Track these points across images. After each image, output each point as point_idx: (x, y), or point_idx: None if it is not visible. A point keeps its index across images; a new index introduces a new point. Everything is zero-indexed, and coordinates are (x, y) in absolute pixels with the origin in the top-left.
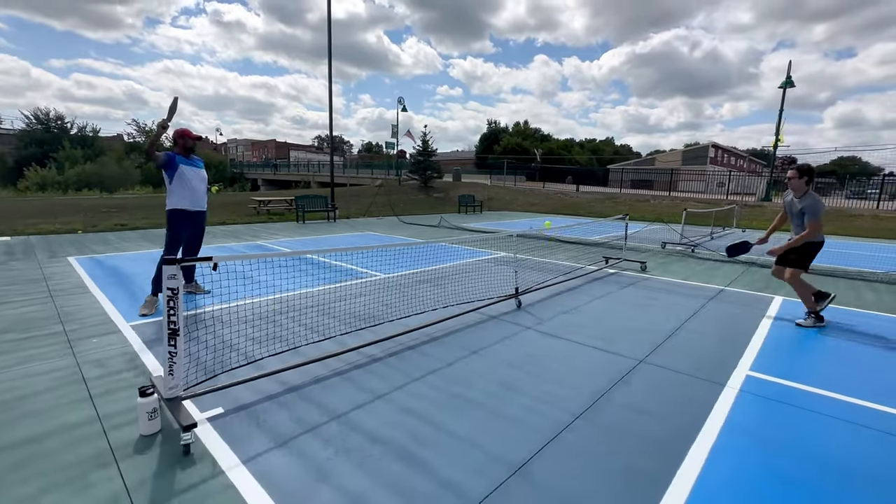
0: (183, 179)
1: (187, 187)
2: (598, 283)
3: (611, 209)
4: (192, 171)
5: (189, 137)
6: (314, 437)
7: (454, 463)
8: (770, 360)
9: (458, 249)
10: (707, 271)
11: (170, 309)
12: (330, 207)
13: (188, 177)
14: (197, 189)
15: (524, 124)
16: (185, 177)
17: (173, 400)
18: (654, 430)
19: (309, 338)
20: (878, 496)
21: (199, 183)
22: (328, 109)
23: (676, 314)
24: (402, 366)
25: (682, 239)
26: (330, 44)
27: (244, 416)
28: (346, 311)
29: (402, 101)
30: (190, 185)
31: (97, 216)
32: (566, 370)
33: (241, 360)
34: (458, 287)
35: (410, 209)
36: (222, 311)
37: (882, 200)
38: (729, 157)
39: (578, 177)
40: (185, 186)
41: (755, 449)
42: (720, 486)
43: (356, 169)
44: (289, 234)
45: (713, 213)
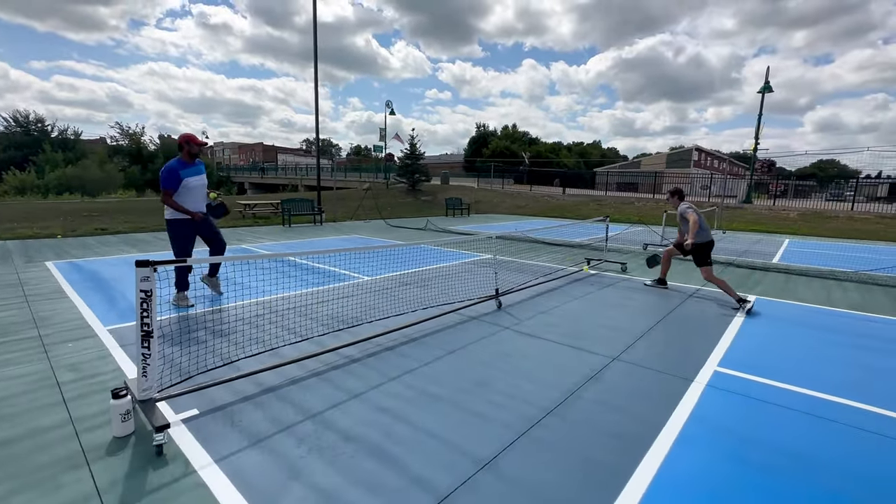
0: (185, 191)
1: (188, 197)
2: (578, 284)
3: (595, 211)
4: (195, 181)
5: (195, 143)
6: (288, 436)
7: (424, 459)
8: (738, 356)
9: (441, 252)
10: (686, 271)
11: (143, 311)
12: (316, 211)
13: (190, 187)
14: (197, 197)
15: (513, 128)
16: (188, 188)
17: (147, 401)
18: (621, 424)
19: (288, 339)
20: (832, 480)
21: (200, 190)
22: (314, 112)
23: (653, 313)
24: (379, 366)
25: (663, 240)
26: (315, 47)
27: (219, 417)
28: (327, 313)
29: (391, 104)
30: (191, 196)
31: (77, 220)
32: (540, 368)
33: (218, 361)
34: (440, 289)
35: (398, 212)
36: (204, 314)
37: (857, 202)
38: (712, 160)
39: (566, 179)
40: (186, 197)
41: (717, 439)
42: (680, 475)
43: (344, 172)
44: (274, 237)
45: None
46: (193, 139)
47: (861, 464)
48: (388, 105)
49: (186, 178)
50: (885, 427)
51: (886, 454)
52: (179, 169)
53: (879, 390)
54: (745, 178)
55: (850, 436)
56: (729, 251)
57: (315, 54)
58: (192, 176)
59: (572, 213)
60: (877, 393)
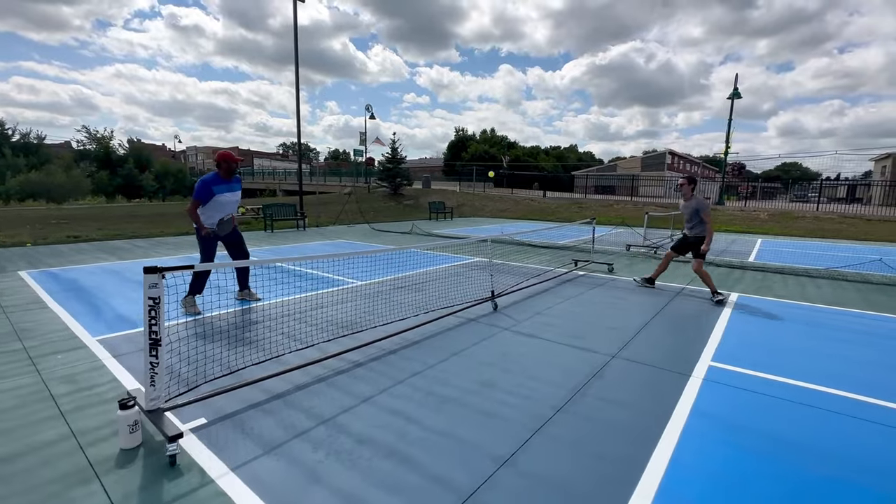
0: (218, 205)
1: (220, 211)
2: (569, 285)
3: (577, 214)
4: (227, 196)
5: (232, 161)
6: (303, 442)
7: (442, 459)
8: (728, 351)
9: (432, 255)
10: (669, 271)
11: (151, 319)
12: (299, 216)
13: (222, 202)
14: (227, 211)
15: (491, 132)
16: (219, 202)
17: (155, 412)
18: (630, 418)
19: (290, 346)
20: (824, 467)
21: (232, 205)
22: (296, 116)
23: (644, 312)
24: (384, 370)
25: (645, 241)
26: (296, 51)
27: (229, 425)
28: (324, 318)
29: (370, 108)
30: (222, 209)
31: (47, 228)
32: (543, 367)
33: (221, 370)
34: (435, 292)
35: (381, 216)
36: (197, 322)
37: (821, 203)
38: (684, 163)
39: (545, 183)
40: (218, 210)
41: (718, 431)
42: (690, 464)
43: (324, 177)
44: (257, 243)
45: (672, 216)
46: (231, 157)
47: (847, 448)
48: (368, 109)
49: (219, 193)
50: (867, 413)
51: (869, 438)
52: (213, 184)
53: (858, 379)
54: (716, 180)
55: (835, 422)
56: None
57: (296, 58)
58: (226, 193)
59: (555, 216)
60: (856, 381)
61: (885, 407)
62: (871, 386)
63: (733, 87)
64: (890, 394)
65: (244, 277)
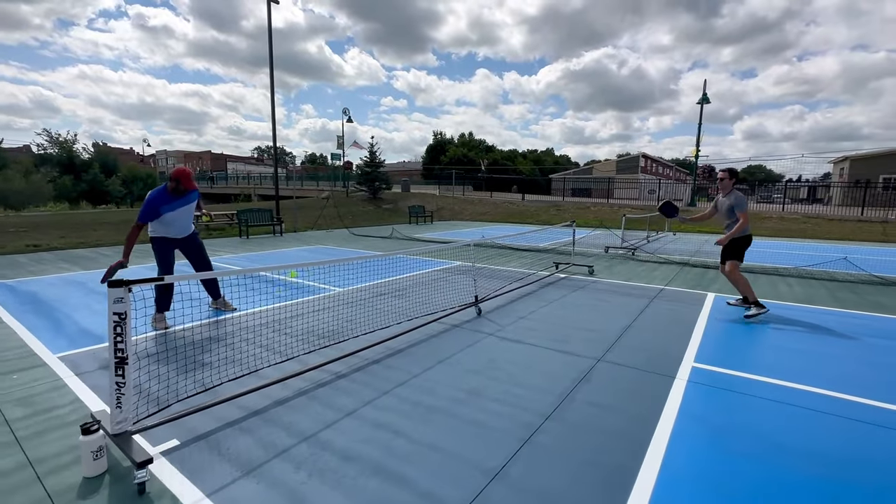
0: (164, 223)
1: (171, 224)
2: (550, 288)
3: (556, 217)
4: (176, 214)
5: (184, 185)
6: (284, 461)
7: (432, 474)
8: (710, 352)
9: (414, 260)
10: (647, 272)
11: (116, 336)
12: (275, 221)
13: (168, 221)
14: (183, 223)
15: (469, 135)
16: (167, 220)
17: (122, 435)
18: (619, 423)
19: (267, 359)
20: (808, 464)
21: (186, 218)
22: (271, 119)
23: (625, 314)
24: (368, 380)
25: (623, 243)
26: (271, 53)
27: (203, 446)
28: (303, 328)
29: (348, 111)
30: (174, 223)
31: (4, 236)
32: (529, 374)
33: (194, 387)
34: (418, 298)
35: (360, 221)
36: (167, 336)
37: (785, 204)
38: (657, 166)
39: (523, 186)
40: (168, 224)
41: (706, 433)
42: (681, 467)
43: (300, 181)
44: (232, 250)
45: (648, 218)
46: (185, 180)
47: (830, 445)
48: (346, 112)
49: (167, 213)
50: (846, 410)
51: (849, 434)
52: (160, 204)
53: (835, 376)
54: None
55: (816, 420)
56: (682, 251)
57: (270, 61)
58: (176, 209)
59: (534, 219)
60: (834, 379)
61: (863, 404)
62: (847, 383)
63: (702, 92)
64: (866, 390)
65: (214, 288)
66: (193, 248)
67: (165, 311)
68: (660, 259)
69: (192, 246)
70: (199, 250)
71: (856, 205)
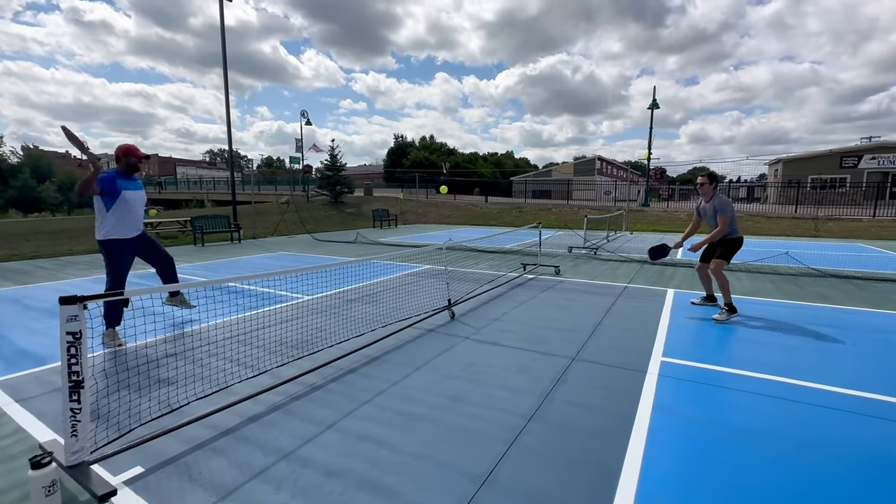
0: (124, 205)
1: (128, 213)
2: (520, 289)
3: (518, 219)
4: (133, 194)
5: (134, 156)
6: (262, 483)
7: (420, 484)
8: (676, 346)
9: (381, 265)
10: (610, 271)
11: (70, 358)
12: (233, 227)
13: (129, 201)
14: (137, 214)
15: (430, 138)
16: (127, 202)
17: (78, 466)
18: (599, 422)
19: (237, 373)
20: (776, 448)
21: (140, 207)
22: (226, 122)
23: (594, 312)
24: (346, 391)
25: (586, 243)
26: (224, 53)
27: (172, 472)
28: (274, 339)
29: (306, 114)
30: (131, 212)
31: None
32: (508, 375)
33: (159, 408)
34: (390, 304)
35: (323, 226)
36: (127, 353)
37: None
38: (611, 168)
39: (485, 188)
40: (125, 213)
41: (681, 426)
42: (662, 461)
43: (258, 185)
44: (188, 258)
45: (607, 218)
46: (133, 151)
47: (795, 430)
48: (304, 115)
49: (125, 190)
50: (812, 397)
51: (809, 418)
52: (115, 178)
53: (791, 365)
54: (640, 184)
55: (785, 408)
56: (640, 250)
57: (224, 61)
58: (131, 189)
59: (497, 221)
60: (790, 367)
61: (820, 389)
62: (802, 370)
63: (652, 97)
64: (818, 376)
65: (173, 281)
66: (149, 245)
67: (116, 325)
68: (621, 258)
69: (147, 244)
70: (155, 245)
71: (789, 203)
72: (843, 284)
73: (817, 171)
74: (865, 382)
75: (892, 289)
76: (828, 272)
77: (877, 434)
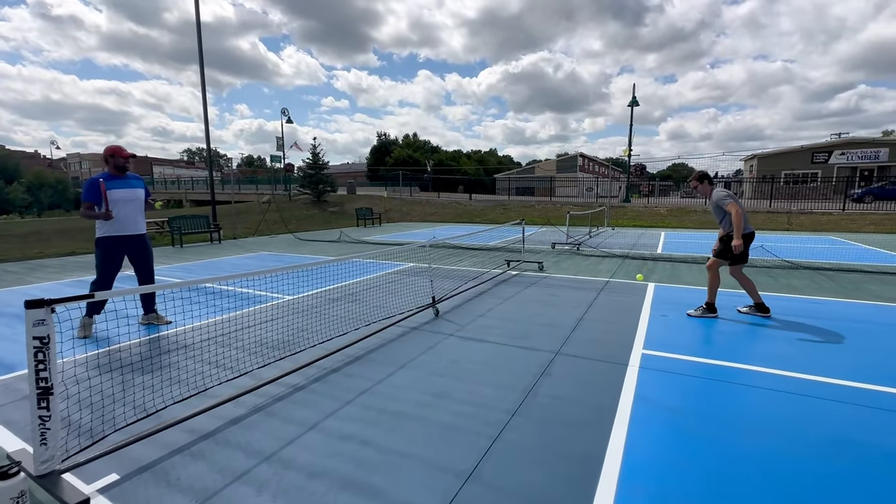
0: (114, 205)
1: (118, 211)
2: (504, 286)
3: (502, 215)
4: (122, 193)
5: (120, 156)
6: (243, 485)
7: (405, 482)
8: (656, 338)
9: (364, 263)
10: (592, 266)
11: (38, 364)
12: (213, 228)
13: (118, 200)
14: (132, 212)
15: (413, 136)
16: (116, 201)
17: (49, 475)
18: (581, 414)
19: (216, 375)
20: (755, 437)
21: (135, 205)
22: (204, 120)
23: (576, 307)
24: (329, 391)
25: (569, 239)
26: (200, 48)
27: (149, 478)
28: (254, 340)
29: (287, 112)
30: (122, 210)
31: None
32: (492, 372)
33: (134, 413)
34: (373, 302)
35: (305, 225)
36: (99, 356)
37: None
38: (593, 164)
39: (469, 186)
40: (116, 211)
41: (662, 416)
42: (642, 451)
43: (238, 185)
44: (165, 260)
45: (589, 214)
46: (120, 151)
47: (771, 419)
48: (285, 112)
49: (113, 189)
50: (780, 384)
51: (784, 407)
52: (105, 180)
53: (765, 354)
54: (621, 180)
55: (763, 397)
56: (622, 245)
57: (200, 57)
58: (121, 189)
59: (481, 218)
60: (764, 357)
61: (795, 378)
62: (778, 359)
63: (632, 95)
64: (794, 365)
65: (149, 300)
66: (143, 253)
67: (96, 314)
68: (603, 253)
69: (143, 250)
70: (147, 258)
71: (764, 198)
72: (815, 276)
73: (790, 166)
74: (837, 370)
75: (862, 279)
76: (801, 264)
77: (843, 418)
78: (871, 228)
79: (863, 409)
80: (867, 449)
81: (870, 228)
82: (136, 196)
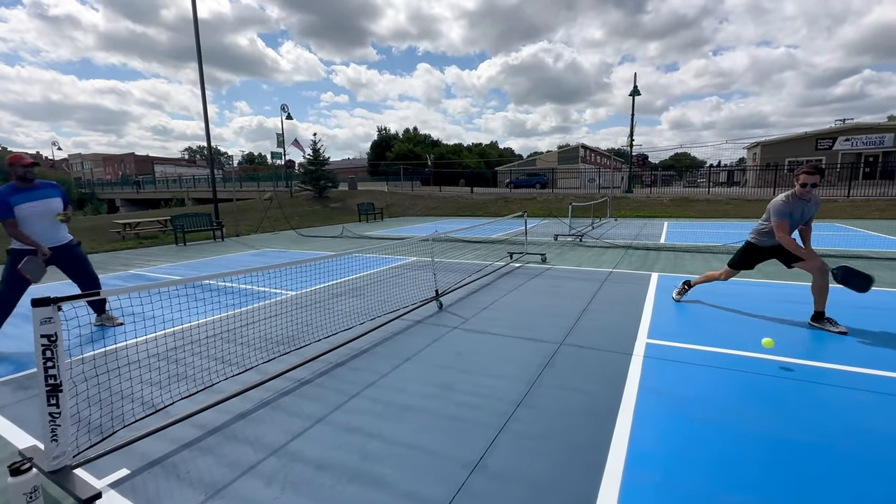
0: (21, 221)
1: (26, 227)
2: (508, 278)
3: (504, 208)
4: (30, 208)
5: (20, 164)
6: (252, 478)
7: (412, 473)
8: (660, 328)
9: (367, 258)
10: (595, 257)
11: (46, 361)
12: (215, 225)
13: (25, 216)
14: (44, 227)
15: (414, 130)
16: (23, 216)
17: (61, 471)
18: (586, 403)
19: (223, 371)
20: (756, 421)
21: (44, 217)
22: (203, 118)
23: (580, 298)
24: (335, 384)
25: (571, 230)
26: (198, 45)
27: (159, 473)
28: (259, 336)
29: (286, 108)
30: (30, 225)
31: None
32: (497, 363)
33: (143, 409)
34: (377, 296)
35: (308, 221)
36: (107, 355)
37: (705, 187)
38: (595, 155)
39: (471, 179)
40: (24, 227)
41: (667, 404)
42: (648, 439)
43: (239, 182)
44: (169, 258)
45: (591, 205)
46: (18, 159)
47: (776, 405)
48: (284, 109)
49: (18, 204)
50: (797, 374)
51: (789, 394)
52: (9, 196)
53: (780, 343)
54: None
55: (769, 384)
56: (624, 235)
57: (199, 55)
58: (28, 202)
59: (483, 211)
60: (780, 345)
61: (807, 365)
62: (783, 346)
63: (633, 85)
64: (800, 352)
65: (99, 303)
66: (72, 262)
67: (102, 313)
68: (605, 244)
69: (71, 260)
70: (80, 264)
71: (767, 186)
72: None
73: (794, 153)
74: (845, 356)
75: (868, 265)
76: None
77: (853, 405)
78: (877, 215)
79: (873, 395)
80: (877, 437)
81: (875, 215)
82: (49, 207)
